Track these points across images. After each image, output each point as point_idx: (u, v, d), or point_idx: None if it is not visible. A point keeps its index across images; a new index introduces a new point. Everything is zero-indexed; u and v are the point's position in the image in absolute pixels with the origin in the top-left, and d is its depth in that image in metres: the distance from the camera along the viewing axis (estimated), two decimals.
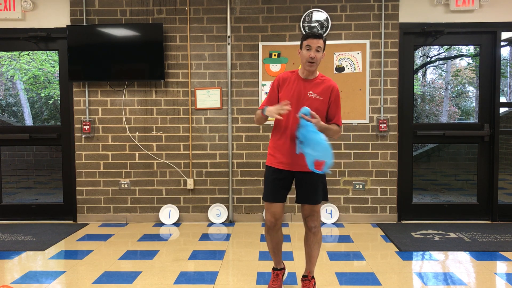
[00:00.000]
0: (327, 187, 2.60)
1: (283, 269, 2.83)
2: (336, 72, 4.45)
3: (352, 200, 4.54)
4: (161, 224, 4.53)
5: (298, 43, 4.40)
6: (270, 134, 4.46)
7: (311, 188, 2.56)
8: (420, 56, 11.54)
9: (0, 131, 4.82)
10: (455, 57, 11.65)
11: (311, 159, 2.37)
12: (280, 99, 2.58)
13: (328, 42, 4.43)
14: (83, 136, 4.57)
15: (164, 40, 4.42)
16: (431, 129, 4.85)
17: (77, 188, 4.61)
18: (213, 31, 4.49)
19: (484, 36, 4.49)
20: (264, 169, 4.48)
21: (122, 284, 2.91)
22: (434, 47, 11.06)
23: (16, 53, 10.46)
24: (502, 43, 4.51)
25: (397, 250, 3.62)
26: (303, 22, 4.42)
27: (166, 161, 4.57)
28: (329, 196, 4.48)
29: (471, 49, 10.47)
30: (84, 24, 4.46)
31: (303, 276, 2.72)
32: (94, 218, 4.61)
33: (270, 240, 2.69)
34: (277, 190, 2.58)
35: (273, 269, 2.81)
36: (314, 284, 2.71)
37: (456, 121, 12.58)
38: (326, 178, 4.35)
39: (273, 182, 2.58)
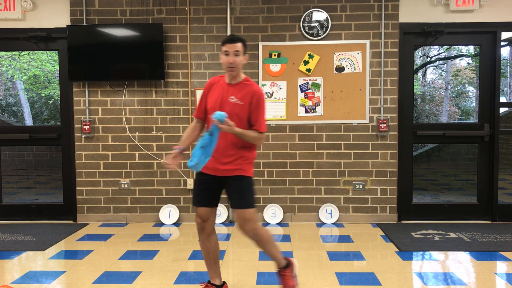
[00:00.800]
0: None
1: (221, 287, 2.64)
2: (336, 72, 4.45)
3: (352, 200, 4.54)
4: (161, 224, 4.53)
5: (299, 43, 4.45)
6: (270, 135, 4.49)
7: (235, 193, 2.52)
8: (420, 56, 11.55)
9: (0, 131, 4.82)
10: (455, 57, 11.66)
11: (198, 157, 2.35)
12: (207, 105, 2.58)
13: (328, 42, 4.43)
14: (83, 136, 4.57)
15: (164, 40, 4.42)
16: (431, 129, 4.86)
17: (77, 188, 4.61)
18: (213, 31, 4.49)
19: (484, 36, 4.49)
20: (262, 169, 4.51)
21: (122, 284, 2.91)
22: (434, 47, 11.07)
23: (16, 53, 10.45)
24: (502, 43, 4.51)
25: (397, 250, 3.62)
26: (303, 22, 4.42)
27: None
28: (329, 196, 4.50)
29: (471, 49, 10.47)
30: (84, 24, 4.46)
31: (277, 272, 2.65)
32: (94, 218, 4.61)
33: (201, 246, 2.62)
34: (200, 193, 2.59)
35: (207, 281, 2.65)
36: (291, 270, 2.63)
37: (456, 121, 12.58)
38: (327, 178, 4.30)
39: (197, 186, 2.61)
